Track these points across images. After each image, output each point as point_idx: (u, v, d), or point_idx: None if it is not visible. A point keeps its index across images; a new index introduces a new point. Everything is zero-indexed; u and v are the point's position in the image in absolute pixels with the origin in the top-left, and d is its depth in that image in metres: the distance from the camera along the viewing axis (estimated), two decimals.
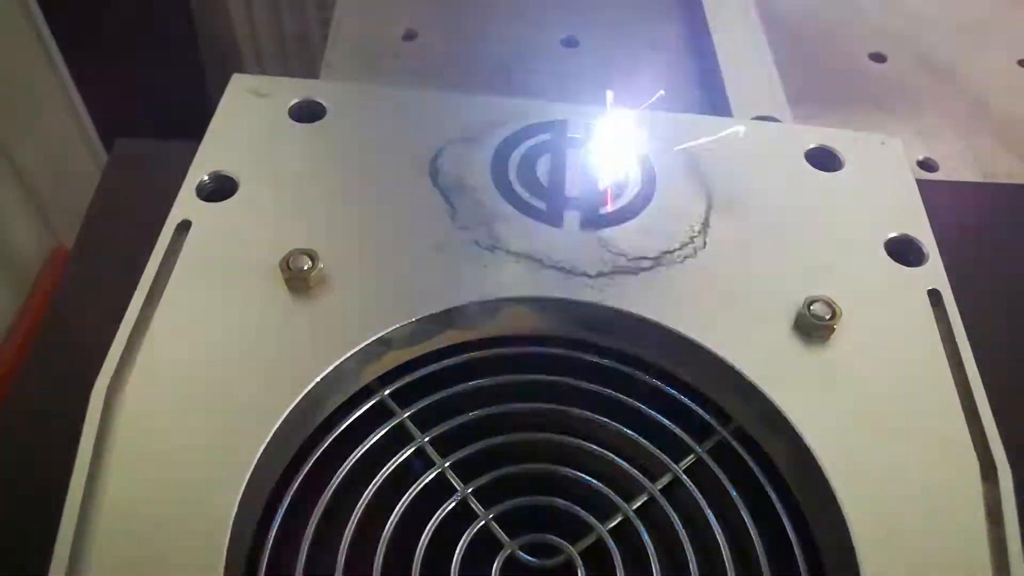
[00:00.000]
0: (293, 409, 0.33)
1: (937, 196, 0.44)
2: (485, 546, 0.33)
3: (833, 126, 0.47)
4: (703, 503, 0.34)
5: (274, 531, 0.32)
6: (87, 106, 1.07)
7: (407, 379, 0.37)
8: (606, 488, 0.35)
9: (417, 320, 0.37)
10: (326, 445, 0.35)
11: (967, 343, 0.37)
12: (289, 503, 0.33)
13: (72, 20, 1.01)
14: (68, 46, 1.01)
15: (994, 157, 0.57)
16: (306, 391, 0.34)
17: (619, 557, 0.33)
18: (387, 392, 0.37)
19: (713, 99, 0.55)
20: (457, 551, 0.33)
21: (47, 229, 1.06)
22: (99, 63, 1.06)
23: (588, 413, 0.37)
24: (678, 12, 0.63)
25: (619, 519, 0.34)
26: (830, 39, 0.66)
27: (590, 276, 0.38)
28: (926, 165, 0.57)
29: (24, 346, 0.99)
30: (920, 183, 0.44)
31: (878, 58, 0.65)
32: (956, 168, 0.56)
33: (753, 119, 0.50)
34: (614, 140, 0.44)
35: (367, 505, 0.33)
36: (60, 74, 1.02)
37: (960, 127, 0.59)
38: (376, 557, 0.32)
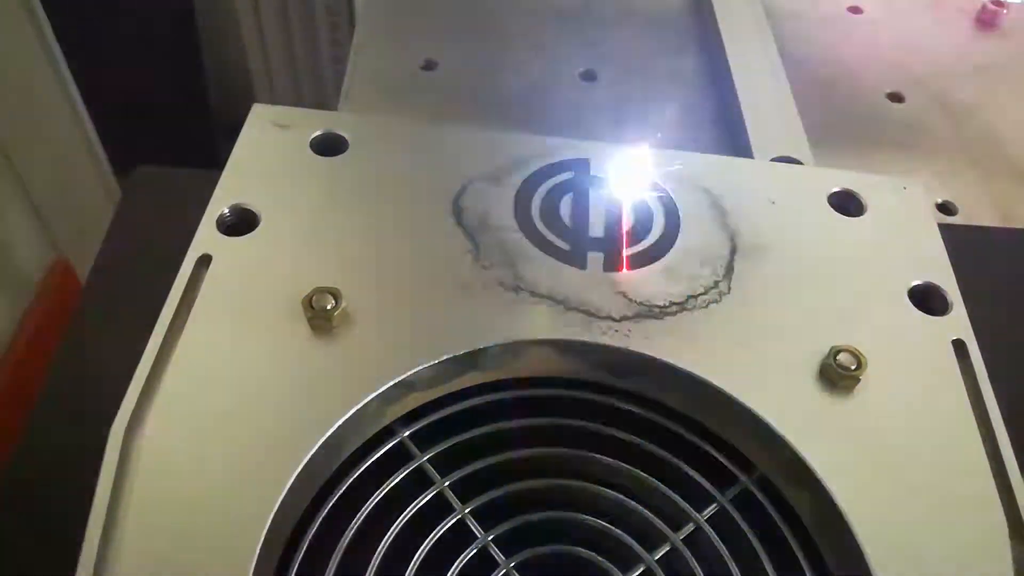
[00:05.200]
0: (315, 453, 0.33)
1: (958, 240, 0.44)
2: None
3: (852, 166, 0.47)
4: (726, 554, 0.34)
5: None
6: (92, 118, 1.07)
7: (428, 420, 0.37)
8: (628, 538, 0.34)
9: (440, 362, 0.36)
10: (345, 487, 0.34)
11: (992, 396, 0.37)
12: (307, 546, 0.33)
13: (80, 33, 1.01)
14: (75, 58, 1.02)
15: (1014, 200, 0.57)
16: (328, 435, 0.33)
17: None
18: (407, 433, 0.36)
19: (733, 137, 0.55)
20: None
21: (48, 240, 1.05)
22: (105, 75, 1.07)
23: (611, 460, 0.36)
24: (697, 47, 0.63)
25: (641, 569, 0.34)
26: (847, 78, 0.66)
27: (615, 319, 0.38)
28: (945, 208, 0.57)
29: (24, 358, 0.98)
30: (941, 227, 0.44)
31: (896, 98, 0.65)
32: (976, 211, 0.56)
33: (774, 159, 0.50)
34: (637, 180, 0.44)
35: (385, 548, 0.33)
36: (66, 85, 1.02)
37: (979, 169, 0.59)
38: None
